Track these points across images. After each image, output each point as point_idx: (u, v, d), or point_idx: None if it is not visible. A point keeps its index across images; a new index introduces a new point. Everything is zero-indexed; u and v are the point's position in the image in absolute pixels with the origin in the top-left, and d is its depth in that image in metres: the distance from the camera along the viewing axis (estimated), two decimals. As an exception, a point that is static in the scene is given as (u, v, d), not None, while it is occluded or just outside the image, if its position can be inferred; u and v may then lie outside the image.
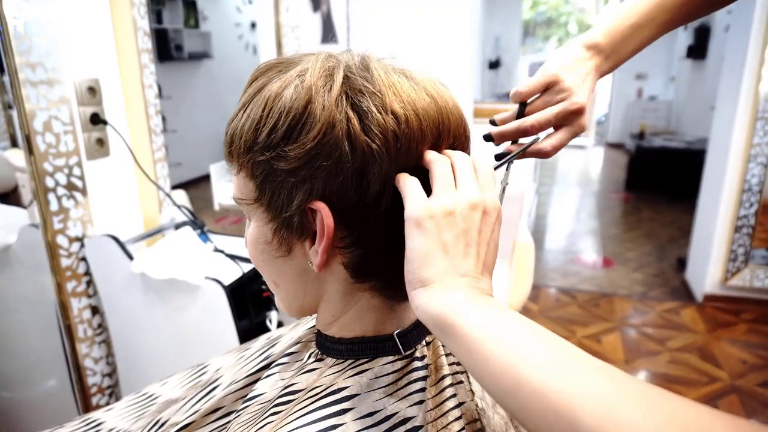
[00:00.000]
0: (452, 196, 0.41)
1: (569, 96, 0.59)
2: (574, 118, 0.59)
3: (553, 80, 0.60)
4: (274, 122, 0.42)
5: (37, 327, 1.50)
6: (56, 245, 1.27)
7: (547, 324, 2.61)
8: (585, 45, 0.62)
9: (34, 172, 1.21)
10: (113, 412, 0.77)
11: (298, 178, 0.42)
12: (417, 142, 0.42)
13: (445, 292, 0.38)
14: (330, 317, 0.49)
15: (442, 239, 0.39)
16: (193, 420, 0.54)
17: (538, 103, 0.61)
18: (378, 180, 0.41)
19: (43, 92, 1.19)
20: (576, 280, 3.19)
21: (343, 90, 0.41)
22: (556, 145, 0.60)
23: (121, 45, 1.39)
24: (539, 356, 0.33)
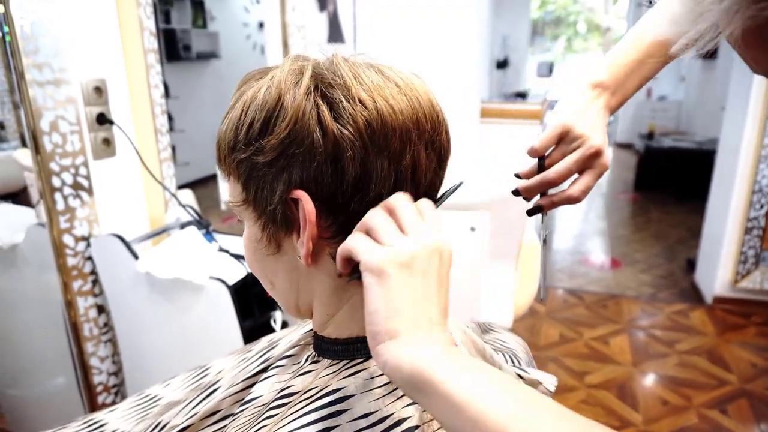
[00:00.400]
0: (408, 241, 0.39)
1: (584, 141, 0.61)
2: (594, 160, 0.62)
3: (564, 130, 0.62)
4: (250, 119, 0.44)
5: (43, 325, 1.51)
6: (62, 244, 1.28)
7: (554, 326, 2.60)
8: (591, 84, 0.64)
9: (40, 171, 1.22)
10: (116, 413, 0.77)
11: (277, 169, 0.44)
12: (391, 131, 0.43)
13: (415, 345, 0.36)
14: (324, 316, 0.50)
15: (405, 287, 0.38)
16: (191, 423, 0.54)
17: (556, 155, 0.63)
18: (353, 166, 0.42)
19: (50, 92, 1.19)
20: (584, 281, 3.17)
21: (312, 83, 0.43)
22: (584, 189, 0.62)
23: (127, 45, 1.40)
24: (506, 405, 0.32)
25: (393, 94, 0.44)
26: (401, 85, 0.45)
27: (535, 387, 0.57)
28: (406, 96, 0.44)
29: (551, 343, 2.45)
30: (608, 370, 2.25)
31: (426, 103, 0.46)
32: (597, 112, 0.64)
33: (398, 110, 0.43)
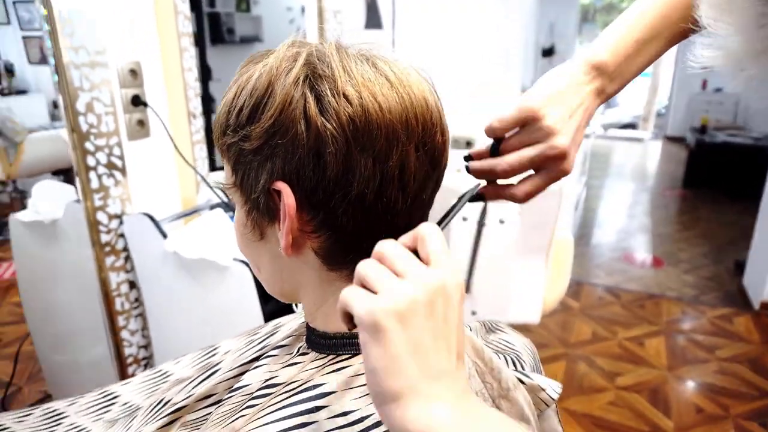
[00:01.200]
0: (405, 285, 0.34)
1: (549, 137, 0.51)
2: (553, 162, 0.53)
3: (531, 116, 0.52)
4: (241, 104, 0.43)
5: (82, 297, 1.57)
6: (96, 221, 1.32)
7: (587, 323, 2.53)
8: (589, 64, 0.55)
9: (76, 150, 1.26)
10: (129, 386, 0.80)
11: (261, 157, 0.43)
12: (376, 129, 0.41)
13: (423, 406, 0.32)
14: (312, 306, 0.50)
15: (406, 339, 0.33)
16: (186, 404, 0.55)
17: (514, 142, 0.53)
18: (335, 161, 0.41)
19: (86, 74, 1.23)
20: (622, 278, 3.07)
21: (302, 72, 0.42)
22: (529, 192, 0.54)
23: (162, 28, 1.42)
24: None
25: (383, 90, 0.42)
26: (393, 80, 0.43)
27: (537, 393, 0.55)
28: (397, 93, 0.42)
29: (583, 340, 2.39)
30: (641, 372, 2.18)
31: (419, 101, 0.43)
32: (578, 102, 0.53)
33: (386, 108, 0.41)
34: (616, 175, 5.80)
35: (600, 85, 0.55)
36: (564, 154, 0.52)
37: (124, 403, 0.76)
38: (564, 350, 2.30)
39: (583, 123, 0.54)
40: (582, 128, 0.54)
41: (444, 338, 0.35)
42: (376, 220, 0.44)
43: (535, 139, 0.52)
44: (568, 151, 0.52)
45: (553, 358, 2.25)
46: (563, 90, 0.53)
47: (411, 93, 0.43)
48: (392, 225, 0.45)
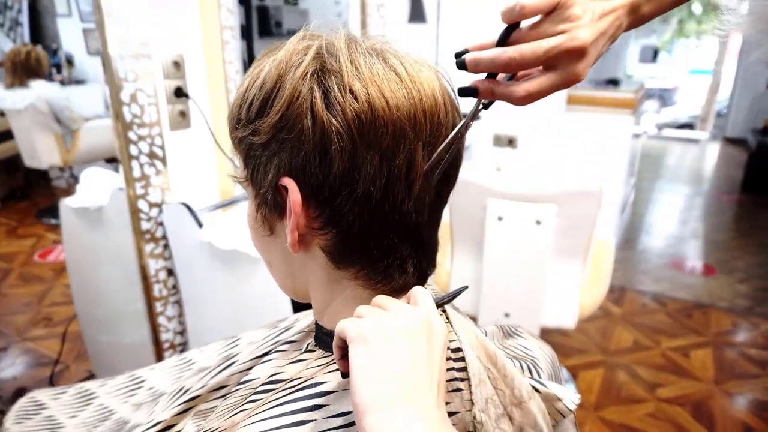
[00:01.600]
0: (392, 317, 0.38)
1: (571, 29, 0.43)
2: (568, 60, 0.44)
3: (562, 1, 0.44)
4: (251, 98, 0.43)
5: (124, 282, 1.63)
6: (137, 209, 1.37)
7: (629, 331, 2.44)
8: None
9: (119, 139, 1.30)
10: (156, 372, 0.82)
11: (269, 152, 0.43)
12: (382, 126, 0.40)
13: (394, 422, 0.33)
14: (320, 305, 0.49)
15: (389, 356, 0.35)
16: (200, 394, 0.56)
17: (531, 32, 0.45)
18: (341, 158, 0.40)
19: (130, 66, 1.27)
20: (669, 285, 2.94)
21: (311, 67, 0.41)
22: (533, 92, 0.45)
23: (206, 22, 1.45)
24: None
25: (391, 86, 0.41)
26: (403, 75, 0.42)
27: (553, 402, 0.53)
28: (405, 88, 0.41)
29: (623, 348, 2.31)
30: (685, 384, 2.09)
31: (428, 98, 0.42)
32: (611, 7, 0.45)
33: (393, 104, 0.40)
34: (669, 178, 5.56)
35: (636, 2, 0.47)
36: (583, 50, 0.44)
37: (150, 388, 0.78)
38: (603, 357, 2.23)
39: (610, 31, 0.46)
40: (607, 37, 0.46)
41: (428, 367, 0.36)
42: (382, 219, 0.43)
43: (556, 31, 0.44)
44: (587, 48, 0.44)
45: (590, 364, 2.18)
46: None
47: (421, 89, 0.42)
48: (400, 224, 0.44)
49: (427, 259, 0.48)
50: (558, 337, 2.32)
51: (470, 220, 1.58)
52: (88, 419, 0.77)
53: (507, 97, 0.46)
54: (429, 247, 0.48)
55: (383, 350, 0.35)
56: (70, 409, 0.80)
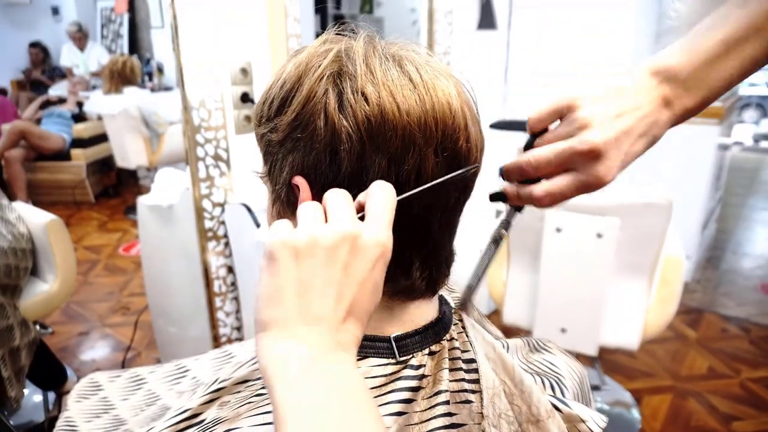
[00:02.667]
0: (315, 226, 0.35)
1: (581, 130, 0.44)
2: (583, 162, 0.45)
3: (566, 105, 0.46)
4: (273, 96, 0.45)
5: (191, 277, 1.73)
6: (202, 208, 1.44)
7: (704, 356, 2.27)
8: (651, 69, 0.46)
9: (188, 142, 1.38)
10: (200, 362, 0.86)
11: (285, 150, 0.44)
12: (391, 130, 0.41)
13: (284, 342, 0.33)
14: None
15: (294, 275, 0.34)
16: (225, 386, 0.58)
17: (549, 137, 0.47)
18: (349, 159, 0.41)
19: (201, 72, 1.34)
20: (754, 310, 2.70)
21: (329, 69, 0.43)
22: (552, 192, 0.46)
23: (273, 30, 1.51)
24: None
25: (403, 92, 0.41)
26: (417, 82, 0.42)
27: (575, 423, 0.50)
28: (418, 95, 0.41)
29: (696, 375, 2.15)
30: (766, 420, 1.91)
31: (441, 105, 0.42)
32: (634, 105, 0.45)
33: (404, 109, 0.41)
34: (763, 193, 5.12)
35: (668, 94, 0.45)
36: (595, 152, 0.44)
37: (193, 378, 0.83)
38: (672, 383, 2.08)
39: (639, 130, 0.45)
40: (636, 136, 0.45)
41: (336, 286, 0.34)
42: None
43: (569, 132, 0.46)
44: (601, 149, 0.44)
45: (657, 389, 2.04)
46: (616, 90, 0.46)
47: (434, 96, 0.42)
48: (409, 229, 0.44)
49: (438, 266, 0.47)
50: (622, 358, 2.19)
51: (527, 230, 1.54)
52: (137, 403, 0.83)
53: (528, 199, 0.47)
54: (442, 254, 0.47)
55: (286, 269, 0.34)
56: (122, 392, 0.86)
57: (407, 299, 0.47)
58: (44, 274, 1.75)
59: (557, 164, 0.46)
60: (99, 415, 0.82)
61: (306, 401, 0.31)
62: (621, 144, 0.45)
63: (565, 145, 0.45)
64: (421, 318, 0.48)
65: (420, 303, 0.48)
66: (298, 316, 0.34)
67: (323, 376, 0.32)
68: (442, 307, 0.52)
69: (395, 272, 0.45)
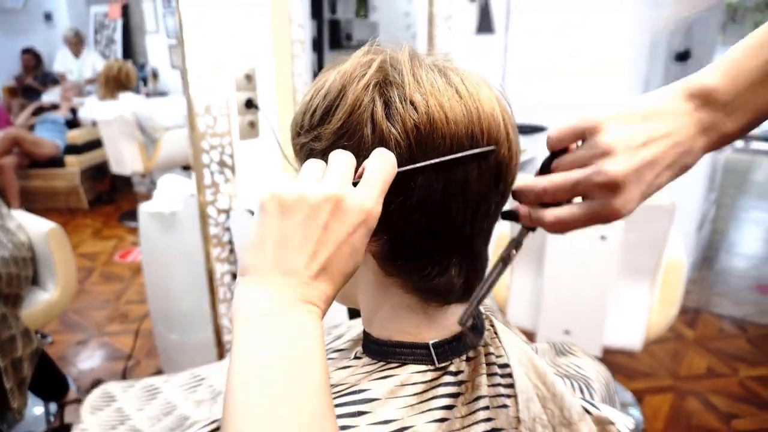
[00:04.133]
0: (305, 184, 0.38)
1: (598, 159, 0.41)
2: (600, 194, 0.41)
3: (589, 127, 0.42)
4: (315, 106, 0.45)
5: (194, 284, 1.72)
6: (206, 215, 1.44)
7: (703, 356, 2.29)
8: (687, 91, 0.42)
9: (194, 149, 1.38)
10: (215, 370, 0.86)
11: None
12: (440, 138, 0.41)
13: (254, 287, 0.37)
14: (369, 311, 0.50)
15: (277, 227, 0.37)
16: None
17: (567, 160, 0.44)
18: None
19: (206, 79, 1.34)
20: (751, 310, 2.73)
21: (374, 78, 0.43)
22: (562, 219, 0.43)
23: (277, 36, 1.51)
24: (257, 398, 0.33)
25: (451, 102, 0.42)
26: (463, 92, 0.43)
27: (605, 425, 0.51)
28: (465, 105, 0.42)
29: (696, 375, 2.17)
30: (766, 418, 1.93)
31: (487, 115, 0.43)
32: (664, 131, 0.41)
33: (452, 118, 0.42)
34: (756, 194, 5.18)
35: (708, 119, 0.41)
36: (614, 185, 0.40)
37: (209, 386, 0.82)
38: (672, 382, 2.10)
39: (666, 160, 0.41)
40: (662, 167, 0.41)
41: (313, 243, 0.37)
42: (435, 228, 0.44)
43: (588, 158, 0.42)
44: (620, 182, 0.40)
45: (658, 389, 2.06)
46: (645, 113, 0.42)
47: (480, 107, 0.43)
48: (453, 235, 0.45)
49: (475, 270, 0.48)
50: (623, 358, 2.21)
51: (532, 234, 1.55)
52: (154, 413, 0.82)
53: (539, 222, 0.45)
54: (479, 259, 0.48)
55: (271, 220, 0.37)
56: (137, 403, 0.85)
57: (444, 303, 0.47)
58: (44, 283, 1.74)
59: (573, 194, 0.43)
60: (115, 427, 0.81)
61: (255, 340, 0.35)
62: (643, 176, 0.41)
63: (582, 175, 0.42)
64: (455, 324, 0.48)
65: (456, 308, 0.48)
66: (272, 266, 0.37)
67: (278, 323, 0.36)
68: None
69: (432, 270, 0.45)
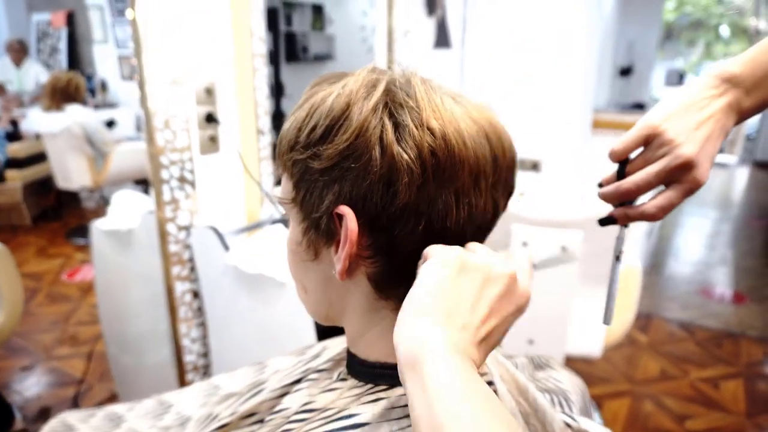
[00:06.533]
0: (484, 256, 0.41)
1: (672, 149, 0.51)
2: (682, 173, 0.52)
3: (651, 133, 0.53)
4: (314, 123, 0.44)
5: (150, 303, 1.66)
6: (166, 232, 1.39)
7: (656, 359, 2.38)
8: (717, 77, 0.53)
9: (152, 164, 1.34)
10: (183, 396, 0.83)
11: (329, 178, 0.43)
12: (459, 164, 0.42)
13: (435, 328, 0.36)
14: (355, 332, 0.49)
15: (460, 283, 0.38)
16: (231, 421, 0.56)
17: (639, 162, 0.55)
18: (407, 192, 0.41)
19: (165, 92, 1.31)
20: (697, 313, 2.87)
21: (382, 100, 0.43)
22: (663, 207, 0.53)
23: (238, 50, 1.49)
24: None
25: (468, 127, 0.42)
26: (479, 118, 0.44)
27: (585, 438, 0.52)
28: (484, 131, 0.44)
29: (650, 378, 2.25)
30: (715, 417, 2.02)
31: (503, 142, 0.45)
32: (707, 115, 0.52)
33: (471, 145, 0.42)
34: (697, 203, 5.46)
35: (733, 99, 0.52)
36: (690, 163, 0.51)
37: (177, 413, 0.79)
38: (629, 387, 2.17)
39: (715, 134, 0.52)
40: (714, 139, 0.52)
41: (486, 309, 0.39)
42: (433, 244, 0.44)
43: (659, 155, 0.52)
44: (694, 159, 0.51)
45: (616, 394, 2.13)
46: (687, 104, 0.52)
47: (495, 131, 0.45)
48: None
49: None
50: (582, 365, 2.27)
51: (494, 245, 1.57)
52: (117, 442, 0.78)
53: (641, 217, 0.55)
54: None
55: (452, 276, 0.39)
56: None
57: None
58: (-13, 307, 1.63)
59: (657, 183, 0.53)
60: (75, 460, 0.77)
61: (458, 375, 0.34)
62: (707, 149, 0.52)
63: (661, 165, 0.52)
64: None
65: None
66: (447, 316, 0.37)
67: (464, 363, 0.35)
68: None
69: None
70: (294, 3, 4.84)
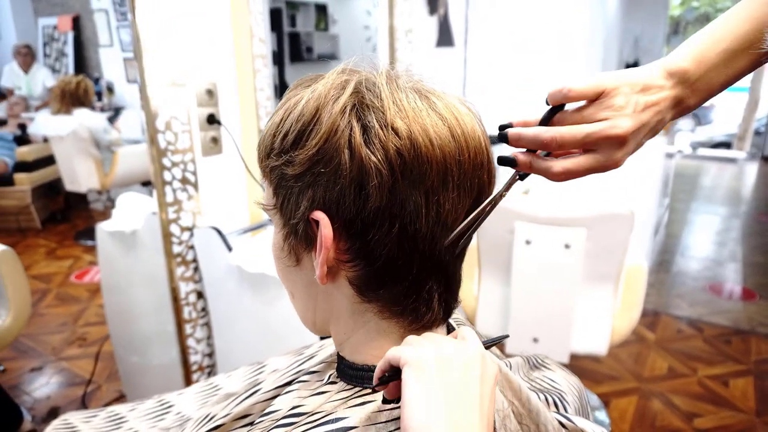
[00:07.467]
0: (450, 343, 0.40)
1: (615, 117, 0.46)
2: (607, 146, 0.47)
3: (605, 91, 0.47)
4: (287, 129, 0.43)
5: (157, 304, 1.67)
6: (169, 233, 1.40)
7: (664, 357, 2.36)
8: (667, 71, 0.48)
9: (154, 166, 1.35)
10: (183, 397, 0.83)
11: (303, 184, 0.43)
12: (427, 163, 0.41)
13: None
14: (341, 335, 0.49)
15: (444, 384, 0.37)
16: (224, 422, 0.56)
17: (574, 116, 0.48)
18: (378, 194, 0.40)
19: (166, 94, 1.31)
20: (705, 310, 2.84)
21: (350, 102, 0.42)
22: (570, 170, 0.48)
23: (239, 51, 1.50)
24: None
25: (434, 125, 0.41)
26: (446, 114, 0.42)
27: (581, 437, 0.52)
28: (449, 128, 0.42)
29: (658, 376, 2.23)
30: (724, 415, 2.00)
31: (474, 141, 0.43)
32: (654, 101, 0.47)
33: (437, 143, 0.41)
34: (705, 199, 5.41)
35: (679, 95, 0.49)
36: (623, 138, 0.47)
37: (178, 413, 0.80)
38: (636, 385, 2.16)
39: (651, 124, 0.48)
40: (649, 128, 0.48)
41: (479, 401, 0.37)
42: (414, 254, 0.43)
43: (599, 117, 0.47)
44: (627, 137, 0.47)
45: (623, 392, 2.11)
46: (643, 83, 0.48)
47: (464, 130, 0.43)
48: (432, 259, 0.45)
49: (452, 292, 0.48)
50: (589, 363, 2.26)
51: (497, 243, 1.57)
52: (118, 443, 0.79)
53: (544, 172, 0.49)
54: (454, 281, 0.48)
55: (438, 380, 0.36)
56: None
57: (424, 329, 0.47)
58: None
59: (581, 145, 0.48)
60: (77, 460, 0.77)
61: None
62: (638, 134, 0.48)
63: (598, 128, 0.47)
64: None
65: (436, 330, 0.48)
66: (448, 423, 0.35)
67: None
68: (450, 330, 0.52)
69: (418, 304, 0.45)
70: (297, 3, 4.84)
